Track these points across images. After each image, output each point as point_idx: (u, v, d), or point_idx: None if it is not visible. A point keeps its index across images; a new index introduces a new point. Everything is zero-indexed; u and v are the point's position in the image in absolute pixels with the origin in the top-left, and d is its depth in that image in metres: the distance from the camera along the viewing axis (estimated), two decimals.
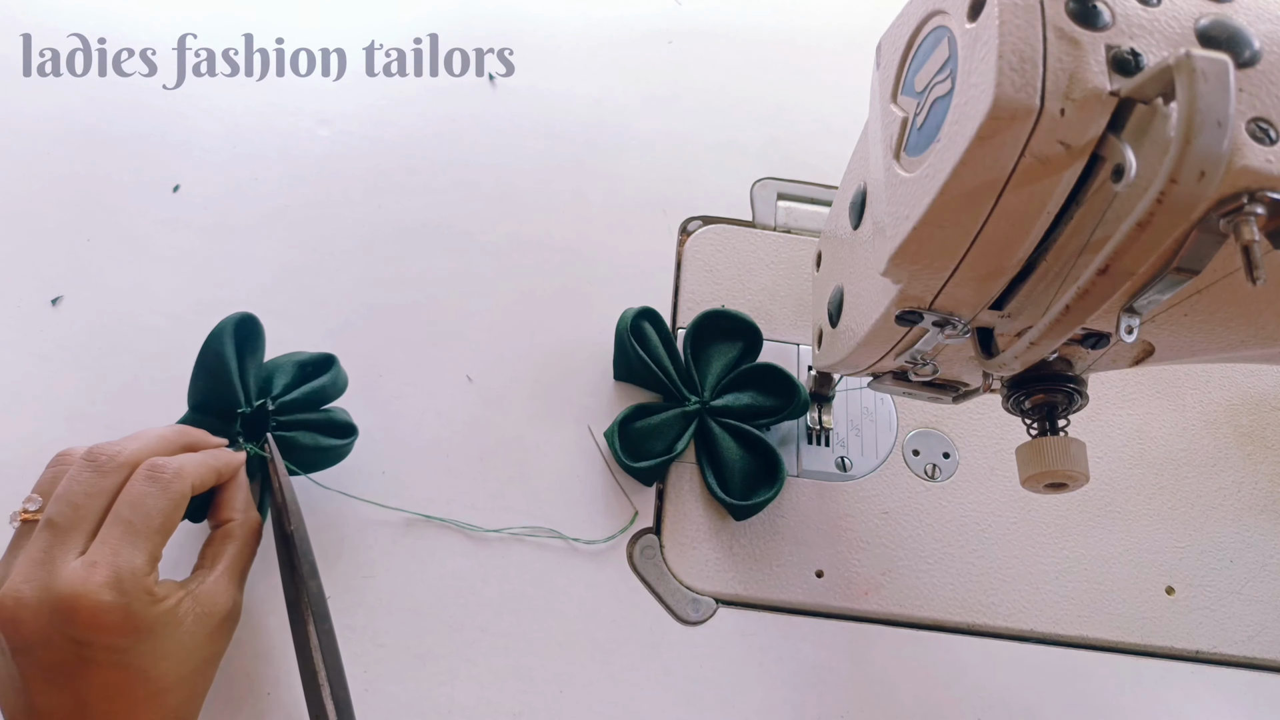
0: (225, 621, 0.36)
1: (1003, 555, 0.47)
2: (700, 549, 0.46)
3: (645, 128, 0.60)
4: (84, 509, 0.34)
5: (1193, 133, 0.22)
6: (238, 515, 0.39)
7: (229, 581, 0.37)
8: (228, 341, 0.42)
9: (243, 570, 0.38)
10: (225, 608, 0.36)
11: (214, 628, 0.36)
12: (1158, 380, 0.54)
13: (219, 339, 0.42)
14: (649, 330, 0.49)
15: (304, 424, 0.43)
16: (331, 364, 0.45)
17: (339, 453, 0.44)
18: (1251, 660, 0.46)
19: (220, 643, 0.37)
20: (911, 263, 0.30)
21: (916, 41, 0.32)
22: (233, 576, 0.37)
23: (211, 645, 0.36)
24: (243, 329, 0.43)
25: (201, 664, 0.36)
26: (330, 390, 0.45)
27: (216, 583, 0.36)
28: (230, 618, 0.37)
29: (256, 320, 0.43)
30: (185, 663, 0.35)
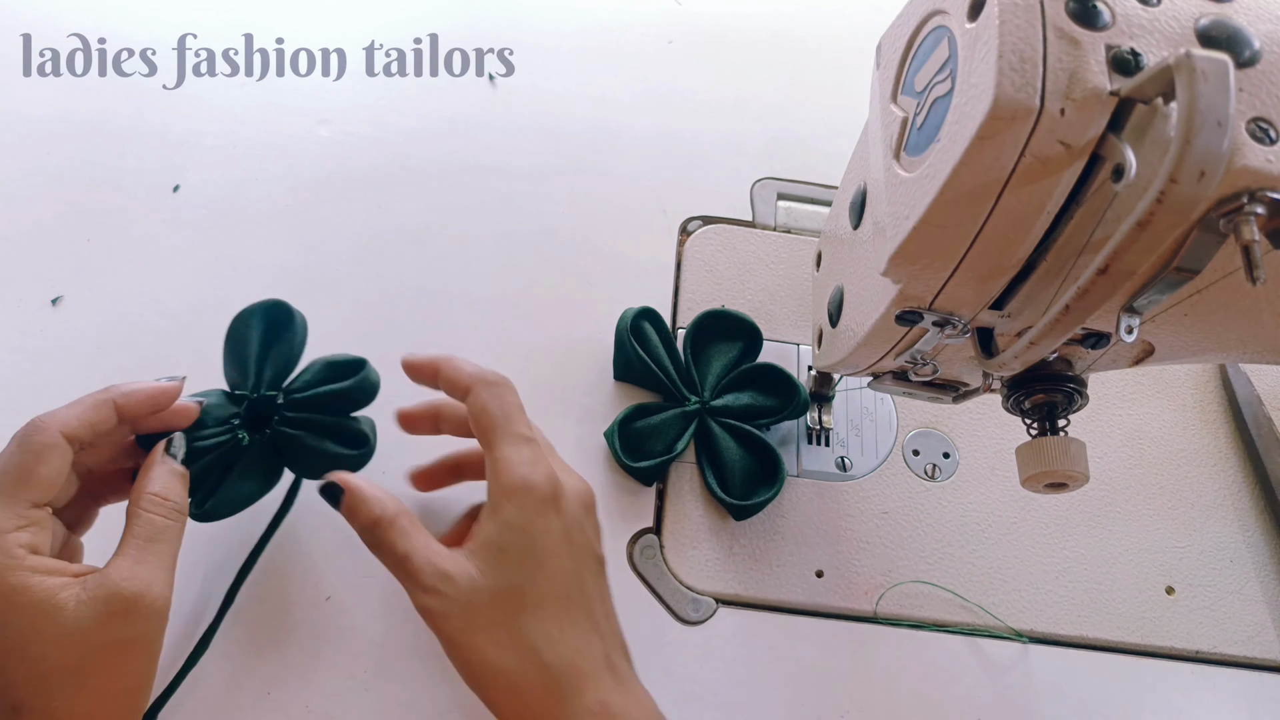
0: (121, 606, 0.32)
1: (1003, 555, 0.47)
2: (700, 549, 0.46)
3: (645, 128, 0.60)
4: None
5: (1193, 133, 0.22)
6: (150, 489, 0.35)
7: (130, 563, 0.33)
8: (254, 321, 0.41)
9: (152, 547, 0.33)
10: (120, 590, 0.32)
11: (106, 613, 0.31)
12: (1158, 380, 0.54)
13: (246, 315, 0.41)
14: (649, 330, 0.49)
15: (313, 424, 0.40)
16: (361, 367, 0.42)
17: (346, 463, 0.41)
18: (1251, 660, 0.46)
19: (121, 630, 0.32)
20: (911, 263, 0.30)
21: (916, 41, 0.33)
22: (138, 557, 0.33)
23: (106, 631, 0.31)
24: (274, 313, 0.41)
25: (94, 652, 0.31)
26: (355, 394, 0.42)
27: (115, 563, 0.32)
28: (127, 602, 0.32)
29: (290, 310, 0.41)
30: (69, 648, 0.31)
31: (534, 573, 0.34)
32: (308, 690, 0.40)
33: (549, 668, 0.33)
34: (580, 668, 0.34)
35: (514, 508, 0.34)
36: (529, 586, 0.34)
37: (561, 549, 0.35)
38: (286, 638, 0.41)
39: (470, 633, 0.34)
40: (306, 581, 0.43)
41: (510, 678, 0.33)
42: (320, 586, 0.43)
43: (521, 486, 0.35)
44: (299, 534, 0.43)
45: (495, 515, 0.35)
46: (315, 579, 0.43)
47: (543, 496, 0.35)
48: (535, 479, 0.35)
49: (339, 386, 0.41)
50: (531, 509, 0.34)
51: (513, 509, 0.34)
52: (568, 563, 0.35)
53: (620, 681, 0.35)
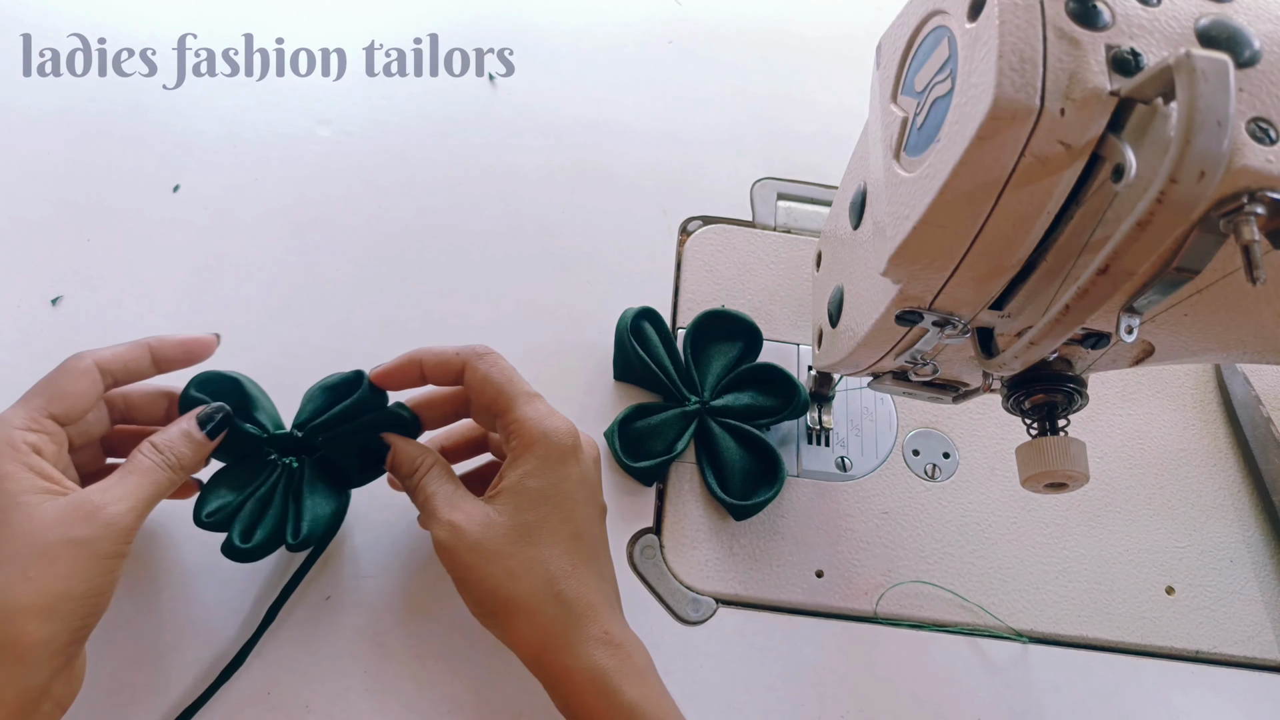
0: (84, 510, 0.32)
1: (1003, 555, 0.47)
2: (700, 549, 0.46)
3: (645, 128, 0.60)
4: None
5: (1193, 132, 0.22)
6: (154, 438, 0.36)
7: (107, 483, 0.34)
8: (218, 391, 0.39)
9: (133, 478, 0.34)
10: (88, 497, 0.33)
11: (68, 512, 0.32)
12: (1158, 380, 0.54)
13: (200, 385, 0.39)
14: (649, 330, 0.49)
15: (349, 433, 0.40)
16: (362, 380, 0.41)
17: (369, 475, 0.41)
18: (1251, 660, 0.46)
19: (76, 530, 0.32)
20: (911, 263, 0.30)
21: (916, 41, 0.33)
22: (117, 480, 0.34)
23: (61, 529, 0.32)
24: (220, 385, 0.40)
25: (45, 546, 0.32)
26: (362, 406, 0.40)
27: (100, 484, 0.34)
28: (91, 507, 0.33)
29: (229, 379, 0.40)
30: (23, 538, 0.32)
31: (551, 513, 0.36)
32: (308, 690, 0.40)
33: (561, 595, 0.35)
34: (590, 599, 0.36)
35: (536, 458, 0.36)
36: (546, 525, 0.36)
37: (578, 494, 0.37)
38: (286, 638, 0.41)
39: (484, 564, 0.36)
40: (307, 581, 0.43)
41: (523, 605, 0.35)
42: (320, 586, 0.43)
43: (543, 437, 0.36)
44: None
45: (516, 465, 0.37)
46: (315, 579, 0.43)
47: (564, 445, 0.37)
48: (557, 428, 0.37)
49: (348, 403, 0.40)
50: (555, 457, 0.36)
51: (535, 459, 0.36)
52: (582, 507, 0.37)
53: (620, 619, 0.38)
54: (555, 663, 0.35)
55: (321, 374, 0.45)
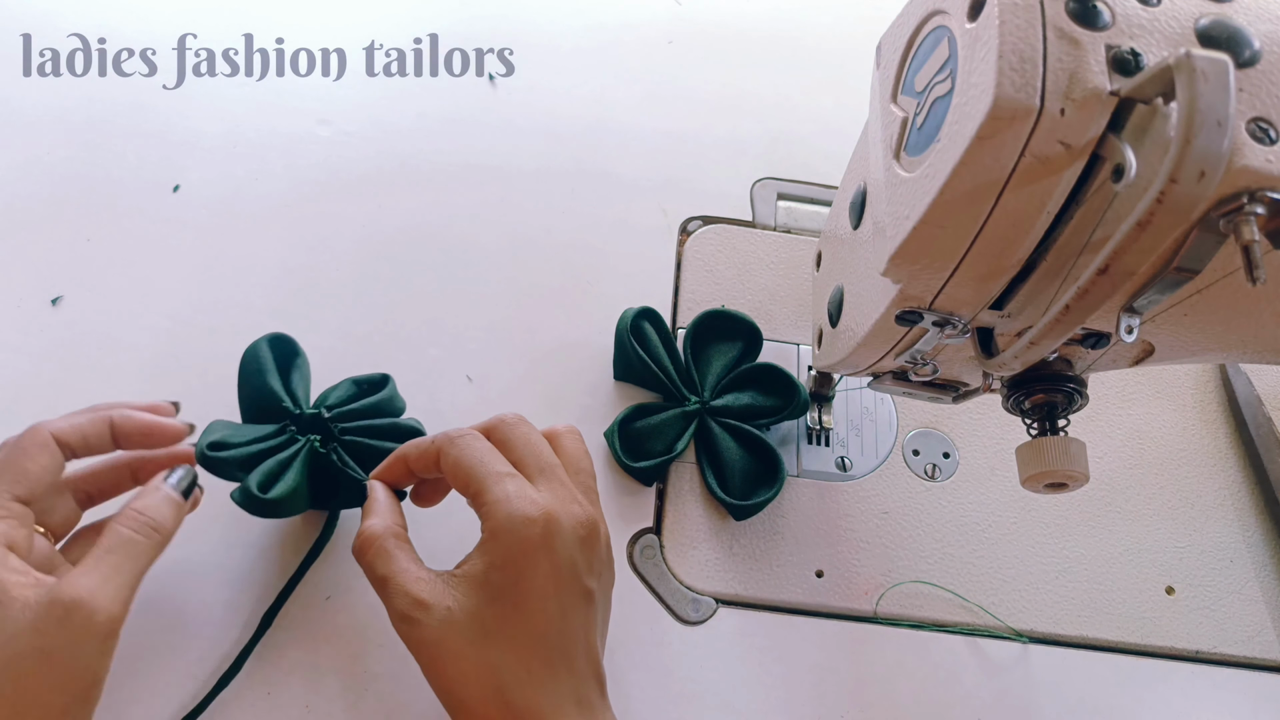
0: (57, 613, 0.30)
1: (1003, 555, 0.47)
2: (700, 549, 0.46)
3: (645, 128, 0.60)
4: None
5: (1193, 133, 0.22)
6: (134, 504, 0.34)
7: (81, 570, 0.31)
8: (263, 348, 0.42)
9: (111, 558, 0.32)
10: (60, 596, 0.30)
11: (41, 618, 0.30)
12: (1158, 380, 0.54)
13: (254, 348, 0.42)
14: (649, 330, 0.49)
15: (370, 430, 0.42)
16: (387, 383, 0.44)
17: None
18: (1251, 660, 0.46)
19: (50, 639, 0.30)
20: (911, 263, 0.30)
21: (916, 41, 0.33)
22: (92, 566, 0.31)
23: (33, 638, 0.30)
24: (279, 343, 0.43)
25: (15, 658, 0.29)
26: (387, 406, 0.44)
27: (71, 572, 0.31)
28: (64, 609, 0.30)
29: (292, 341, 0.43)
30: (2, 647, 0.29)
31: (512, 613, 0.33)
32: (308, 690, 0.40)
33: (511, 705, 0.33)
34: (543, 707, 0.33)
35: (502, 549, 0.34)
36: (505, 626, 0.33)
37: (547, 590, 0.34)
38: (286, 638, 0.41)
39: (439, 662, 0.33)
40: (307, 581, 0.43)
41: (473, 709, 0.33)
42: (320, 586, 0.43)
43: (511, 526, 0.33)
44: (299, 533, 0.43)
45: (483, 554, 0.34)
46: (315, 579, 0.43)
47: (532, 537, 0.33)
48: (525, 516, 0.34)
49: (378, 398, 0.43)
50: (519, 550, 0.33)
51: (501, 550, 0.34)
52: (551, 604, 0.34)
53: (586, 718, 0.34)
54: None
55: (321, 374, 0.45)
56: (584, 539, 0.35)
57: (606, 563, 0.37)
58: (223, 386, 0.42)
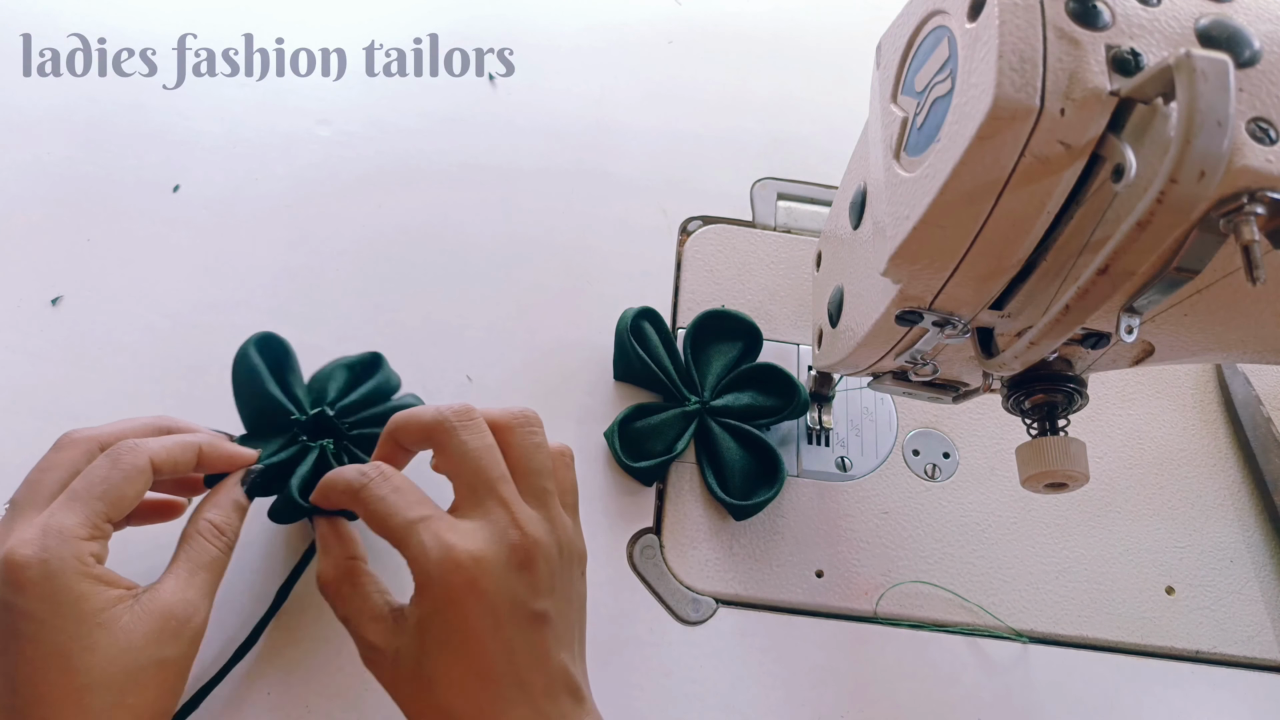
0: (171, 626, 0.33)
1: (1003, 555, 0.47)
2: (700, 549, 0.46)
3: (645, 128, 0.60)
4: (39, 484, 0.33)
5: (1193, 132, 0.22)
6: (209, 516, 0.36)
7: (181, 584, 0.34)
8: (252, 354, 0.41)
9: (202, 573, 0.35)
10: (171, 610, 0.33)
11: (156, 630, 0.32)
12: (1158, 380, 0.54)
13: (243, 355, 0.41)
14: (649, 330, 0.49)
15: (375, 420, 0.42)
16: (380, 363, 0.44)
17: None
18: (1251, 660, 0.46)
19: (166, 649, 0.33)
20: (911, 263, 0.30)
21: (916, 41, 0.33)
22: (188, 580, 0.34)
23: (152, 649, 0.32)
24: (267, 346, 0.42)
25: (138, 669, 0.32)
26: (385, 389, 0.44)
27: (166, 583, 0.34)
28: (177, 622, 0.33)
29: (279, 337, 0.43)
30: (115, 662, 0.31)
31: (453, 660, 0.33)
32: (308, 690, 0.40)
33: None
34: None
35: (430, 600, 0.33)
36: (449, 672, 0.33)
37: (484, 632, 0.33)
38: (287, 638, 0.41)
39: (399, 700, 0.34)
40: (307, 581, 0.43)
41: None
42: None
43: (426, 580, 0.33)
44: (299, 533, 0.43)
45: (417, 604, 0.33)
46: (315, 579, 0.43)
47: (455, 586, 0.33)
48: (442, 567, 0.32)
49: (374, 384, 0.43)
50: (444, 599, 0.33)
51: (429, 601, 0.33)
52: (491, 644, 0.33)
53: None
54: None
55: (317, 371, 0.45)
56: (519, 565, 0.34)
57: (563, 569, 0.36)
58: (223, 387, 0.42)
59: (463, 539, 0.33)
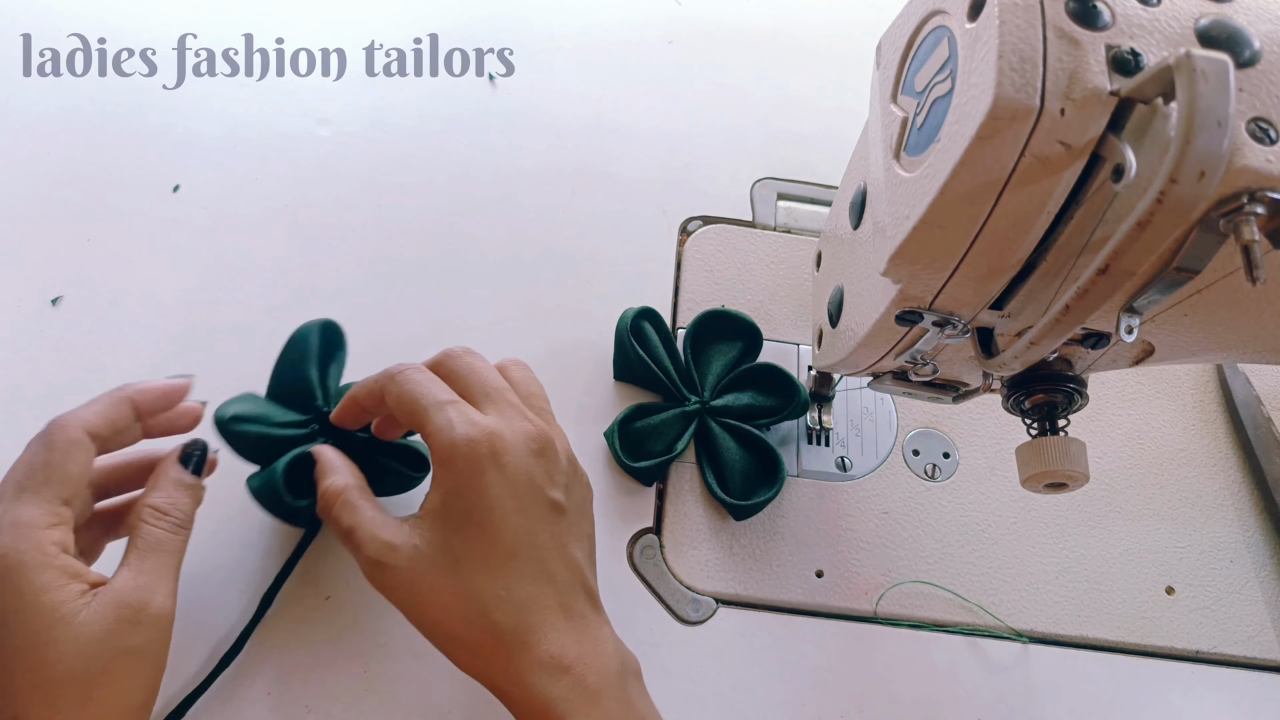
0: (127, 614, 0.32)
1: (1003, 555, 0.47)
2: (700, 549, 0.46)
3: (645, 128, 0.60)
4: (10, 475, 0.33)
5: (1193, 132, 0.22)
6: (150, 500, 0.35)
7: (132, 572, 0.33)
8: (313, 335, 0.42)
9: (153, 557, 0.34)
10: (124, 598, 0.32)
11: (112, 621, 0.31)
12: (1158, 380, 0.54)
13: (305, 331, 0.42)
14: (649, 330, 0.49)
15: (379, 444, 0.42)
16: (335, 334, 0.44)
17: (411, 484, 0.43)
18: (1251, 660, 0.46)
19: (128, 639, 0.32)
20: (911, 263, 0.30)
21: (916, 41, 0.33)
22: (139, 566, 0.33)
23: (113, 640, 0.31)
24: (328, 333, 0.42)
25: (103, 662, 0.31)
26: None
27: (119, 574, 0.33)
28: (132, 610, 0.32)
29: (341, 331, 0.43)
30: (79, 656, 0.31)
31: (475, 535, 0.34)
32: (308, 690, 0.40)
33: (497, 625, 0.33)
34: (529, 621, 0.34)
35: (453, 476, 0.34)
36: (471, 549, 0.34)
37: (506, 504, 0.34)
38: (286, 638, 0.41)
39: (418, 600, 0.34)
40: (306, 581, 0.43)
41: (463, 639, 0.34)
42: (320, 586, 0.43)
43: (450, 452, 0.34)
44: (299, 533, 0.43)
45: (437, 485, 0.34)
46: (315, 579, 0.43)
47: (477, 457, 0.34)
48: (468, 436, 0.34)
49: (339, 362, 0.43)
50: (467, 472, 0.34)
51: (452, 477, 0.34)
52: (513, 518, 0.34)
53: (577, 627, 0.34)
54: (502, 694, 0.34)
55: None
56: (537, 451, 0.35)
57: (574, 476, 0.37)
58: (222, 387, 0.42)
59: (484, 419, 0.35)
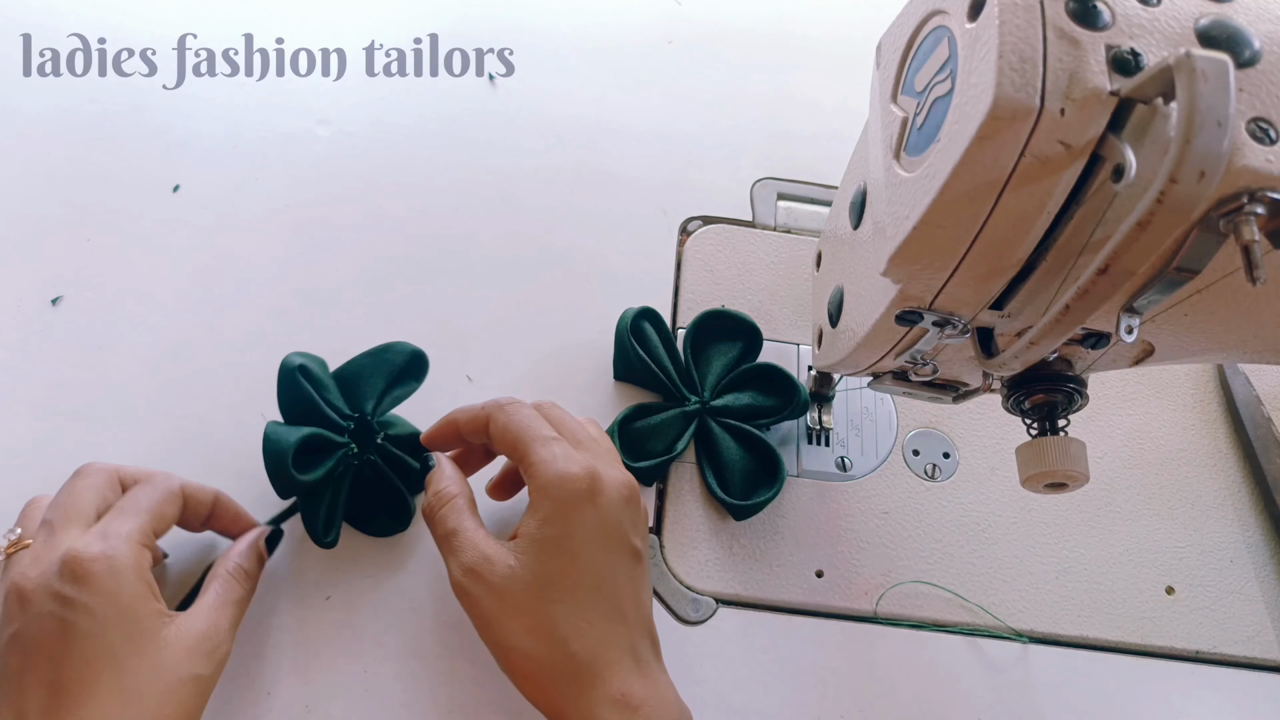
0: (205, 647, 0.35)
1: (1003, 555, 0.47)
2: (700, 549, 0.46)
3: (645, 128, 0.60)
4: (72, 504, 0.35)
5: (1193, 132, 0.22)
6: (238, 560, 0.39)
7: (214, 613, 0.36)
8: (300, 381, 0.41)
9: (228, 606, 0.37)
10: (207, 633, 0.35)
11: (192, 649, 0.34)
12: (1158, 380, 0.54)
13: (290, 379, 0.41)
14: (649, 330, 0.49)
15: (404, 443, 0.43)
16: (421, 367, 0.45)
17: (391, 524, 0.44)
18: (1251, 660, 0.46)
19: (199, 667, 0.34)
20: (911, 263, 0.30)
21: (916, 41, 0.33)
22: (220, 610, 0.36)
23: (188, 665, 0.34)
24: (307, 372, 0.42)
25: (177, 682, 0.33)
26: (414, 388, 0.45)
27: (201, 610, 0.36)
28: (211, 644, 0.35)
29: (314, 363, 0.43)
30: (158, 672, 0.33)
31: (567, 566, 0.35)
32: (308, 690, 0.40)
33: (575, 656, 0.34)
34: (605, 658, 0.35)
35: (551, 504, 0.36)
36: (562, 579, 0.35)
37: (595, 542, 0.36)
38: (286, 638, 0.41)
39: (503, 617, 0.35)
40: (306, 581, 0.43)
41: (539, 663, 0.35)
42: (320, 586, 0.43)
43: (556, 483, 0.36)
44: (299, 533, 0.43)
45: (535, 512, 0.36)
46: (315, 579, 0.43)
47: (578, 491, 0.36)
48: (570, 474, 0.36)
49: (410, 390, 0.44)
50: (567, 504, 0.35)
51: (550, 505, 0.36)
52: (600, 555, 0.36)
53: (643, 671, 0.36)
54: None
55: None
56: (626, 498, 0.37)
57: (647, 529, 0.39)
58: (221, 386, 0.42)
59: (585, 457, 0.37)
